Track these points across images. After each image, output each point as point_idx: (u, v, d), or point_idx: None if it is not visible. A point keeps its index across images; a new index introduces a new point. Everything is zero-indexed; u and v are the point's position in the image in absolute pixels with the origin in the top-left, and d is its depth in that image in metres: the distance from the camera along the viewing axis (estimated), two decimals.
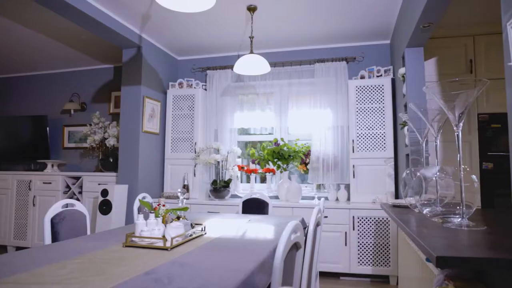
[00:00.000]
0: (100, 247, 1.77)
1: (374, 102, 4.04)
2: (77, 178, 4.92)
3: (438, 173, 1.65)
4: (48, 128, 5.44)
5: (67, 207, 2.30)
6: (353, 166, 4.02)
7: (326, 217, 3.77)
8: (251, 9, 3.52)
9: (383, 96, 4.01)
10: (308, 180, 4.35)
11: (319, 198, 4.27)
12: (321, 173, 4.25)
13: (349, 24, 3.92)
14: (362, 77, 4.18)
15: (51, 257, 1.55)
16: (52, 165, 5.27)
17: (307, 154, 4.34)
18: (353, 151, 4.04)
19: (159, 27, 4.04)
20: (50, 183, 4.90)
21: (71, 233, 2.22)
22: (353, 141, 4.05)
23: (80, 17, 3.42)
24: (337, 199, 4.20)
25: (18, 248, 4.95)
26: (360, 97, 4.08)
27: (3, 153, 5.65)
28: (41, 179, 4.96)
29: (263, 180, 4.77)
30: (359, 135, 4.05)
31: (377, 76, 4.11)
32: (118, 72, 5.38)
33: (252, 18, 3.60)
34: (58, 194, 4.85)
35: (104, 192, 3.98)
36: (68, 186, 4.94)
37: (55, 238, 2.11)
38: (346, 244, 3.73)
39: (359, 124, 4.06)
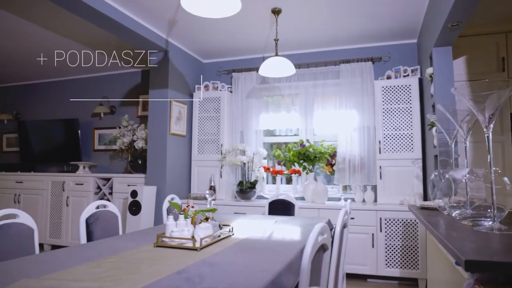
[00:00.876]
0: (132, 247, 1.83)
1: (401, 102, 3.98)
2: (107, 179, 5.08)
3: (468, 175, 1.63)
4: (79, 131, 5.65)
5: (99, 208, 2.39)
6: (380, 167, 3.98)
7: (352, 218, 3.75)
8: (276, 12, 3.54)
9: (410, 96, 3.95)
10: (334, 181, 4.34)
11: (345, 200, 4.24)
12: (347, 174, 4.22)
13: (374, 24, 3.88)
14: (389, 77, 4.13)
15: (87, 256, 1.63)
16: (84, 167, 5.46)
17: (333, 155, 4.32)
18: (380, 152, 3.99)
19: (185, 32, 4.12)
20: (82, 184, 5.08)
21: (104, 233, 2.31)
22: (379, 142, 4.00)
23: (109, 24, 3.54)
24: (363, 201, 4.16)
25: (54, 246, 5.15)
26: (387, 98, 4.03)
27: (39, 155, 5.90)
28: (73, 180, 5.15)
29: (288, 181, 4.78)
30: (386, 136, 4.00)
31: (404, 76, 4.05)
32: (145, 76, 5.52)
33: (276, 20, 3.63)
34: (90, 195, 5.02)
35: (134, 193, 4.10)
36: (99, 187, 5.10)
37: (89, 237, 2.20)
38: (373, 246, 3.70)
39: (385, 124, 4.01)
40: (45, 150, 5.88)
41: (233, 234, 2.18)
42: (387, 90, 4.04)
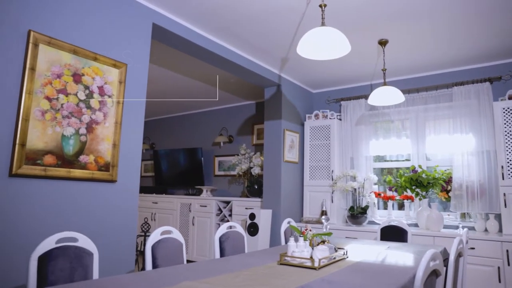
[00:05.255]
0: (259, 263, 2.14)
1: None
2: (227, 202, 5.62)
3: None
4: (202, 159, 6.37)
5: (229, 228, 2.78)
6: (504, 194, 3.72)
7: (472, 248, 3.57)
8: (382, 43, 3.68)
9: None
10: (451, 208, 4.16)
11: (463, 228, 4.04)
12: (465, 201, 4.02)
13: (492, 42, 3.69)
14: (511, 98, 3.89)
15: (225, 268, 1.97)
16: (207, 190, 6.12)
17: (448, 180, 4.17)
18: (503, 178, 3.74)
19: (295, 66, 4.48)
20: (205, 206, 5.72)
21: (233, 250, 2.68)
22: (502, 167, 3.76)
23: (231, 66, 4.09)
24: (486, 230, 3.91)
25: None
26: (509, 119, 3.79)
27: (168, 179, 6.81)
28: (198, 202, 5.82)
29: (400, 207, 4.71)
30: (510, 160, 3.74)
31: None
32: (259, 107, 6.03)
33: (383, 51, 3.75)
34: (212, 216, 5.61)
35: (252, 216, 4.50)
36: (219, 209, 5.67)
37: (222, 253, 2.59)
38: (500, 281, 3.45)
39: (509, 148, 3.76)
40: (174, 175, 6.76)
41: (347, 257, 2.36)
42: (509, 111, 3.80)
